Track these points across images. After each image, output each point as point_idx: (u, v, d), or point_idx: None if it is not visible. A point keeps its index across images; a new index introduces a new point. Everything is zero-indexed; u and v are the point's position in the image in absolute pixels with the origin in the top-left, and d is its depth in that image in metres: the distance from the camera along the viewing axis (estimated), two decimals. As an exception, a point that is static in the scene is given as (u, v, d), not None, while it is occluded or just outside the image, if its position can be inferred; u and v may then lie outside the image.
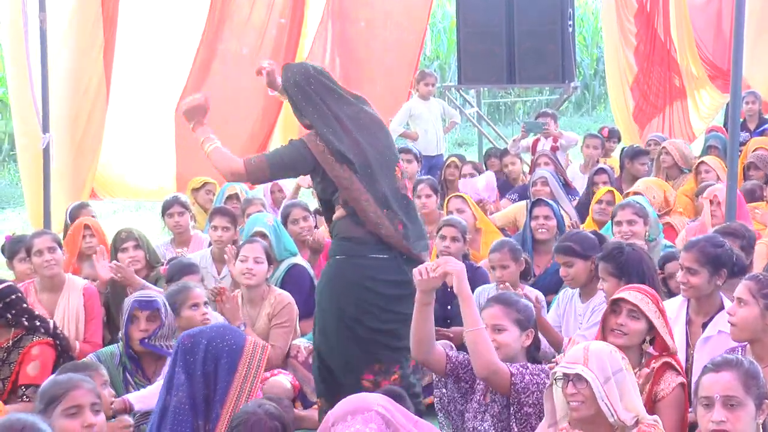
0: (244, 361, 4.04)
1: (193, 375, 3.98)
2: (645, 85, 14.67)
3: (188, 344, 4.03)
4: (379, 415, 3.57)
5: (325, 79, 5.44)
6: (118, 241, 7.10)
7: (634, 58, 14.58)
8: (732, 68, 6.78)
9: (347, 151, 5.27)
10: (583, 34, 25.40)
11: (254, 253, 6.45)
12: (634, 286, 4.79)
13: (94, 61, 9.64)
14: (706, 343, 5.09)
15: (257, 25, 11.22)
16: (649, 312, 4.59)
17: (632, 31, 14.53)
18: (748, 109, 12.44)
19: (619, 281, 5.33)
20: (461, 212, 7.96)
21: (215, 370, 3.99)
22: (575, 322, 6.01)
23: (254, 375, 4.05)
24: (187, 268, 6.53)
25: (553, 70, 12.30)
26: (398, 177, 5.38)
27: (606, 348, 4.09)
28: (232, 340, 4.06)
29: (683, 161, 9.92)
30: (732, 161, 6.76)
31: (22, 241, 6.96)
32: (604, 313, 4.75)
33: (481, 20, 12.51)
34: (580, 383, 3.94)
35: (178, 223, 8.05)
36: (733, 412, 3.65)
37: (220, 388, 3.98)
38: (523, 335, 4.68)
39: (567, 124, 22.69)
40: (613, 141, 12.17)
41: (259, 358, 4.09)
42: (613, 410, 3.91)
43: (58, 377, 4.34)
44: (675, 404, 4.48)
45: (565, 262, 6.01)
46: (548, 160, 10.07)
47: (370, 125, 5.38)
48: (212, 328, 4.21)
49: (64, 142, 9.44)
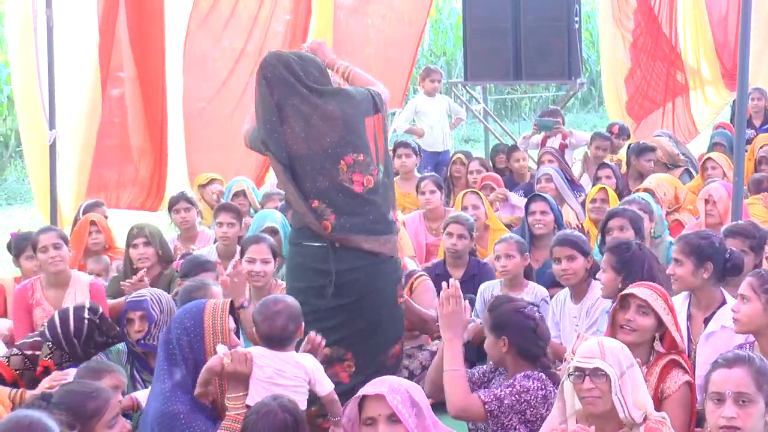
0: (207, 318, 4.44)
1: (176, 359, 4.38)
2: (642, 80, 14.64)
3: (164, 337, 4.48)
4: (408, 394, 3.70)
5: (288, 72, 5.44)
6: (129, 237, 7.10)
7: (630, 52, 14.55)
8: (738, 65, 6.77)
9: (272, 143, 5.42)
10: (590, 31, 25.33)
11: (261, 254, 6.44)
12: (643, 283, 4.79)
13: (94, 59, 9.65)
14: (709, 338, 5.08)
15: (262, 23, 11.20)
16: (658, 308, 4.59)
17: (629, 28, 14.50)
18: (754, 106, 12.41)
19: (617, 275, 5.35)
20: (476, 208, 7.98)
21: (188, 341, 4.39)
22: (570, 325, 6.03)
23: (221, 325, 4.43)
24: (203, 265, 6.42)
25: (559, 67, 12.30)
26: (343, 170, 5.41)
27: (617, 343, 4.13)
28: (193, 308, 4.50)
29: (667, 157, 9.98)
30: (738, 158, 6.75)
31: (28, 239, 6.97)
32: (612, 309, 4.74)
33: (487, 16, 12.50)
34: (597, 378, 3.94)
35: (185, 219, 8.08)
36: (744, 409, 3.65)
37: (197, 348, 4.38)
38: None
39: (573, 121, 22.65)
40: (623, 138, 12.16)
41: (221, 310, 4.48)
42: (624, 406, 3.92)
43: (83, 389, 4.22)
44: (682, 402, 4.47)
45: (569, 255, 6.01)
46: (552, 157, 10.07)
47: (320, 121, 5.42)
48: (177, 312, 4.65)
49: (71, 138, 9.46)
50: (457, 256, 7.21)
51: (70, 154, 9.49)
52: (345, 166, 5.41)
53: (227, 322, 4.48)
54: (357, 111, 5.48)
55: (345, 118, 5.43)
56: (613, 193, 8.25)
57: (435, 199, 8.58)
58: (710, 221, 7.07)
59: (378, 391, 3.78)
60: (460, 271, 7.20)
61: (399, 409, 3.74)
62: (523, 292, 6.50)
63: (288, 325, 4.49)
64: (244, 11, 11.03)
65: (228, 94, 11.03)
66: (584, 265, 6.02)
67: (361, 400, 3.99)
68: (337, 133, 5.41)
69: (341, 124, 5.42)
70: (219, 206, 7.91)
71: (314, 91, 5.44)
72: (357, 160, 5.42)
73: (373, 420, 3.86)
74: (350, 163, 5.43)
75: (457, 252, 7.18)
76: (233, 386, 4.35)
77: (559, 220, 7.61)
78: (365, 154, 5.44)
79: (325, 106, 5.43)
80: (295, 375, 4.44)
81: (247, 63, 11.01)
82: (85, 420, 3.98)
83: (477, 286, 6.85)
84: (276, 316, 4.49)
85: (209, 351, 4.41)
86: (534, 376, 4.63)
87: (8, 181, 16.78)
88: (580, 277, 6.03)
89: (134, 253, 6.98)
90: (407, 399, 3.79)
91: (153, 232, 7.10)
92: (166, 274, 7.00)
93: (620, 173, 9.78)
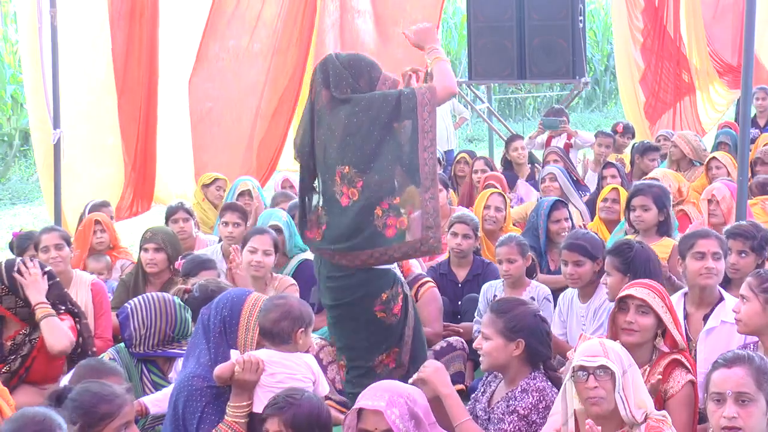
0: (245, 312, 4.52)
1: (209, 335, 4.49)
2: (653, 82, 14.66)
3: (205, 314, 4.57)
4: (406, 406, 3.67)
5: (322, 74, 5.45)
6: (142, 240, 7.09)
7: (641, 54, 14.56)
8: (743, 64, 6.75)
9: (296, 144, 5.58)
10: (594, 30, 25.36)
11: (263, 245, 6.48)
12: (640, 282, 4.77)
13: (102, 58, 9.66)
14: (710, 334, 5.12)
15: (268, 22, 11.19)
16: (657, 307, 4.59)
17: (639, 28, 14.51)
18: (759, 105, 12.41)
19: (623, 277, 5.33)
20: (499, 210, 7.91)
21: (223, 327, 4.49)
22: (578, 324, 6.02)
23: (253, 323, 4.50)
24: (204, 263, 6.47)
25: (563, 66, 12.29)
26: (337, 182, 5.38)
27: (616, 344, 4.14)
28: (234, 297, 4.57)
29: (693, 153, 9.93)
30: (742, 157, 6.73)
31: (31, 238, 6.98)
32: (611, 313, 4.73)
33: (491, 16, 12.50)
34: (601, 377, 3.94)
35: (183, 228, 8.03)
36: (745, 408, 3.64)
37: (230, 339, 4.47)
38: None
39: (577, 120, 22.66)
40: (627, 137, 12.16)
41: (259, 306, 4.55)
42: (627, 404, 3.92)
43: (101, 390, 4.13)
44: (685, 402, 4.47)
45: (576, 261, 6.00)
46: (557, 157, 10.06)
47: (334, 130, 5.39)
48: (222, 295, 4.67)
49: (78, 138, 9.47)
50: (461, 255, 7.20)
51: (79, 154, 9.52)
52: (339, 178, 5.37)
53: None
54: (365, 119, 5.35)
55: (348, 129, 5.35)
56: (625, 192, 8.25)
57: (441, 198, 8.56)
58: (713, 221, 7.08)
59: (376, 406, 3.73)
60: (465, 271, 7.20)
61: (396, 425, 3.70)
62: (526, 291, 6.50)
63: (281, 321, 4.46)
64: (248, 11, 11.03)
65: (235, 94, 11.05)
66: (592, 268, 5.99)
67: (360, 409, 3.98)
68: (340, 142, 5.37)
69: (349, 135, 5.35)
70: (225, 206, 7.93)
71: (333, 98, 5.41)
72: (343, 172, 5.37)
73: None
74: (344, 173, 5.39)
75: (461, 252, 7.18)
76: (238, 393, 4.35)
77: (571, 221, 7.65)
78: (351, 166, 5.33)
79: (335, 114, 5.39)
80: (304, 376, 4.44)
81: (250, 62, 11.04)
82: (94, 422, 3.93)
83: (482, 285, 6.85)
84: (272, 309, 4.50)
85: (240, 340, 4.49)
86: (532, 388, 4.60)
87: (12, 180, 16.81)
88: (586, 281, 6.02)
89: (144, 257, 6.97)
90: (406, 412, 3.74)
91: (166, 237, 7.06)
92: (176, 280, 6.98)
93: (625, 172, 9.78)
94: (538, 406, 4.49)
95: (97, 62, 9.65)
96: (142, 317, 5.42)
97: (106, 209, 8.53)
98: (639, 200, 6.72)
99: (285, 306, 4.53)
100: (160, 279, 6.92)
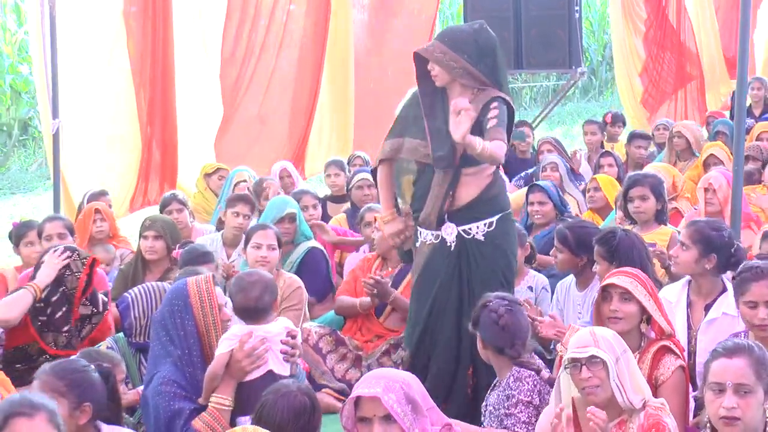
0: (193, 295, 4.61)
1: (171, 338, 4.57)
2: (654, 71, 14.67)
3: (158, 317, 4.68)
4: (402, 391, 3.72)
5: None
6: (142, 228, 7.08)
7: (643, 44, 14.57)
8: (738, 54, 6.75)
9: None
10: (590, 20, 25.33)
11: (267, 240, 6.45)
12: (621, 270, 4.82)
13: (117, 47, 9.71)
14: (711, 325, 5.14)
15: (265, 13, 11.25)
16: (639, 294, 4.62)
17: (642, 17, 14.51)
18: (754, 95, 12.44)
19: (610, 265, 5.37)
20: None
21: (181, 320, 4.58)
22: (574, 311, 6.05)
23: (208, 300, 4.60)
24: (202, 256, 6.41)
25: (560, 56, 12.31)
26: None
27: (608, 331, 4.18)
28: (176, 289, 4.69)
29: (696, 144, 9.91)
30: (738, 148, 6.75)
31: (29, 226, 6.96)
32: (595, 303, 4.78)
33: (488, 6, 12.48)
34: (594, 366, 3.98)
35: (177, 219, 7.98)
36: (744, 399, 3.63)
37: (188, 325, 4.57)
38: None
39: (574, 110, 22.69)
40: (618, 126, 12.13)
41: (205, 283, 4.65)
42: (623, 391, 3.96)
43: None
44: (677, 388, 4.52)
45: (557, 247, 6.09)
46: (551, 146, 10.10)
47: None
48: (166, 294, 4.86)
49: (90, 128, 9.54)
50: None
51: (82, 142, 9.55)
52: None
53: (214, 296, 4.61)
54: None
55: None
56: (605, 179, 8.30)
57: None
58: (710, 210, 7.08)
59: (373, 393, 3.78)
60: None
61: (394, 409, 3.73)
62: (524, 280, 6.51)
63: (263, 295, 4.58)
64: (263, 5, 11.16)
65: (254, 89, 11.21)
66: (571, 261, 6.03)
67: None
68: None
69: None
70: (236, 196, 7.88)
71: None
72: None
73: (368, 419, 3.84)
74: None
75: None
76: (225, 385, 4.46)
77: (559, 207, 7.63)
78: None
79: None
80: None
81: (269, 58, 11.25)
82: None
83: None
84: (251, 287, 4.58)
85: (201, 326, 4.58)
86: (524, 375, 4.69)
87: (11, 170, 16.83)
88: (564, 269, 6.14)
89: (144, 244, 6.96)
90: (402, 397, 3.77)
91: (165, 225, 7.05)
92: (175, 270, 7.01)
93: (621, 162, 9.81)
94: (535, 390, 4.64)
95: (114, 52, 9.68)
96: (143, 307, 5.48)
97: (104, 198, 8.53)
98: (637, 191, 6.66)
99: (261, 281, 4.63)
100: (160, 267, 6.92)
